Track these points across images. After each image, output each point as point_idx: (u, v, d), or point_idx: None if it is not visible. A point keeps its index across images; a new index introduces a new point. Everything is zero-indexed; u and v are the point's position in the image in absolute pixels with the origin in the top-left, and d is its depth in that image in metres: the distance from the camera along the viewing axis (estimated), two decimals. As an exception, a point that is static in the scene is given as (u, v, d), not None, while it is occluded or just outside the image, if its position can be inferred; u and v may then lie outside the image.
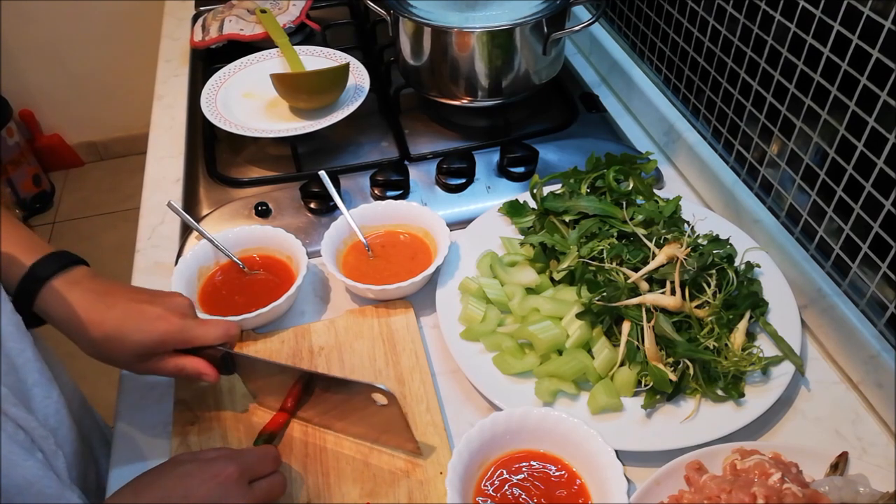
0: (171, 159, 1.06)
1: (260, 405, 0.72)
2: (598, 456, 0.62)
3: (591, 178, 0.86)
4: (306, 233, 0.89)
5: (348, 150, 1.01)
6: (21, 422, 0.57)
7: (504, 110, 1.06)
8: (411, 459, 0.66)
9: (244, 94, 1.07)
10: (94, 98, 2.66)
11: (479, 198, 0.93)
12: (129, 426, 0.72)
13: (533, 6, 0.95)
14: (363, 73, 1.07)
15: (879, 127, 0.64)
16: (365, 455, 0.67)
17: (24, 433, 0.58)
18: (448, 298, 0.79)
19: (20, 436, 0.57)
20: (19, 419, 0.57)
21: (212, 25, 1.23)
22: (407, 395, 0.71)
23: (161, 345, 0.65)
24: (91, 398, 0.85)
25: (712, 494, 0.59)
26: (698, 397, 0.69)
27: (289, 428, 0.70)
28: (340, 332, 0.78)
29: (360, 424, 0.67)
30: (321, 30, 1.29)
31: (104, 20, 2.46)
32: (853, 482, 0.60)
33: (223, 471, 0.57)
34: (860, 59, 0.65)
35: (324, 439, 0.69)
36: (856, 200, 0.69)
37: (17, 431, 0.57)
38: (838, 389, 0.72)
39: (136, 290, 0.68)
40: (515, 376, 0.72)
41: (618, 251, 0.76)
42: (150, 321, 0.64)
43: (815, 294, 0.75)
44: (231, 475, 0.57)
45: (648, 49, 1.06)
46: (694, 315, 0.71)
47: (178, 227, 0.94)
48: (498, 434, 0.65)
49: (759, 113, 0.82)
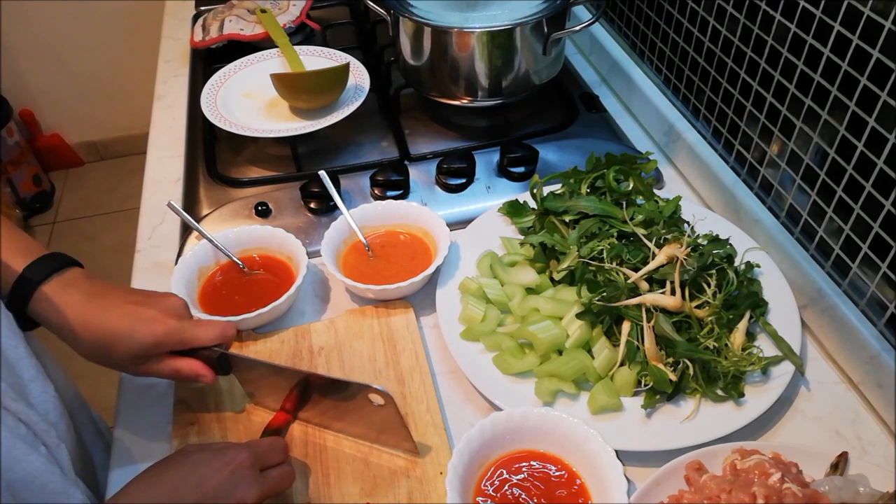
0: (171, 159, 1.06)
1: (257, 406, 0.72)
2: (598, 456, 0.62)
3: (591, 178, 0.86)
4: (306, 233, 0.89)
5: (348, 150, 1.01)
6: (22, 416, 0.57)
7: (504, 110, 1.06)
8: (411, 459, 0.66)
9: (244, 94, 1.07)
10: (94, 98, 2.66)
11: (479, 198, 0.93)
12: (129, 426, 0.72)
13: (533, 6, 0.95)
14: (363, 73, 1.07)
15: (879, 127, 0.64)
16: (365, 454, 0.67)
17: (25, 427, 0.57)
18: (448, 298, 0.79)
19: (22, 430, 0.57)
20: (20, 413, 0.57)
21: (212, 25, 1.23)
22: (407, 395, 0.71)
23: (156, 347, 0.64)
24: (90, 398, 0.85)
25: (712, 494, 0.59)
26: (698, 397, 0.69)
27: (289, 427, 0.70)
28: (340, 332, 0.78)
29: (358, 424, 0.67)
30: (321, 30, 1.29)
31: (104, 20, 2.46)
32: (853, 482, 0.60)
33: (235, 458, 0.57)
34: (860, 60, 0.65)
35: (323, 438, 0.69)
36: (856, 200, 0.69)
37: (18, 426, 0.57)
38: (838, 389, 0.72)
39: (131, 291, 0.68)
40: (515, 376, 0.72)
41: (618, 251, 0.76)
42: (145, 323, 0.63)
43: (815, 294, 0.75)
44: (244, 462, 0.57)
45: (648, 49, 1.06)
46: (694, 315, 0.71)
47: (178, 226, 0.94)
48: (498, 434, 0.65)
49: (759, 113, 0.82)
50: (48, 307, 0.63)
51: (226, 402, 0.72)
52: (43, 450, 0.59)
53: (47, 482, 0.57)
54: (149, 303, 0.66)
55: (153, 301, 0.66)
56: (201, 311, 0.76)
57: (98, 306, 0.64)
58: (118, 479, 0.67)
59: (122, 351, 0.63)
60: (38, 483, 0.56)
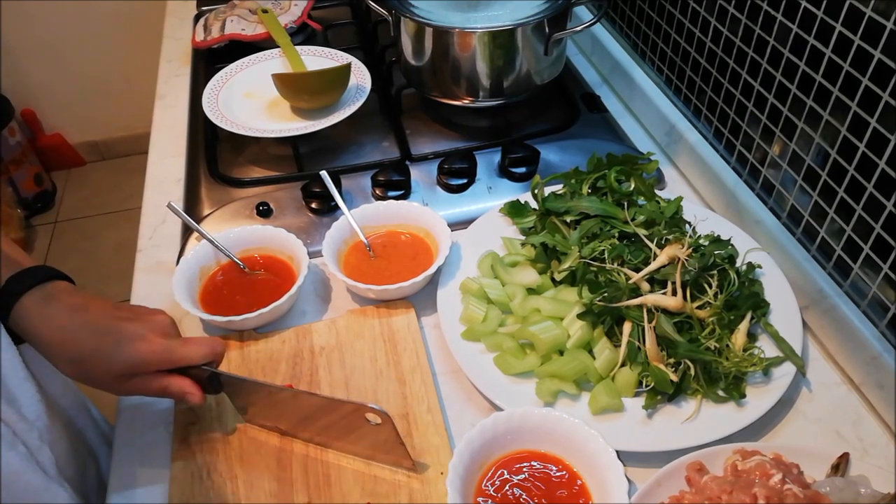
0: (172, 159, 1.06)
1: (249, 423, 0.70)
2: (598, 456, 0.62)
3: (592, 178, 0.86)
4: (307, 233, 0.89)
5: (350, 150, 1.01)
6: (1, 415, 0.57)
7: (505, 110, 1.06)
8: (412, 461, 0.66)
9: (245, 94, 1.07)
10: (95, 98, 2.66)
11: (480, 198, 0.93)
12: (130, 426, 0.72)
13: (534, 6, 0.95)
14: (364, 73, 1.07)
15: (881, 128, 0.64)
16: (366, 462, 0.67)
17: (4, 426, 0.57)
18: (449, 298, 0.79)
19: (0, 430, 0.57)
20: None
21: (213, 25, 1.23)
22: (408, 394, 0.71)
23: (143, 366, 0.61)
24: (90, 397, 0.85)
25: (713, 495, 0.59)
26: (699, 398, 0.69)
27: (288, 441, 0.69)
28: (341, 332, 0.78)
29: (356, 443, 0.66)
30: (322, 30, 1.29)
31: (106, 20, 2.47)
32: (854, 483, 0.60)
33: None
34: (862, 60, 0.65)
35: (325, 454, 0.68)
36: (857, 201, 0.69)
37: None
38: (839, 390, 0.72)
39: (117, 306, 0.65)
40: (516, 376, 0.72)
41: (619, 252, 0.76)
42: (131, 341, 0.61)
43: (817, 295, 0.75)
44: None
45: (650, 49, 1.06)
46: (695, 316, 0.71)
47: (179, 226, 0.94)
48: (499, 434, 0.65)
49: (760, 114, 0.82)
50: (29, 319, 0.60)
51: (227, 402, 0.71)
52: (22, 449, 0.58)
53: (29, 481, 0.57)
54: (136, 319, 0.63)
55: (140, 318, 0.64)
56: (202, 311, 0.76)
57: (79, 321, 0.61)
58: (118, 479, 0.67)
59: (103, 369, 0.60)
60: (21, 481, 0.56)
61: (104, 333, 0.61)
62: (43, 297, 0.61)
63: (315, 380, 0.73)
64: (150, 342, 0.61)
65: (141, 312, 0.65)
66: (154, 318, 0.65)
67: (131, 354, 0.60)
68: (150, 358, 0.61)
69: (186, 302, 0.76)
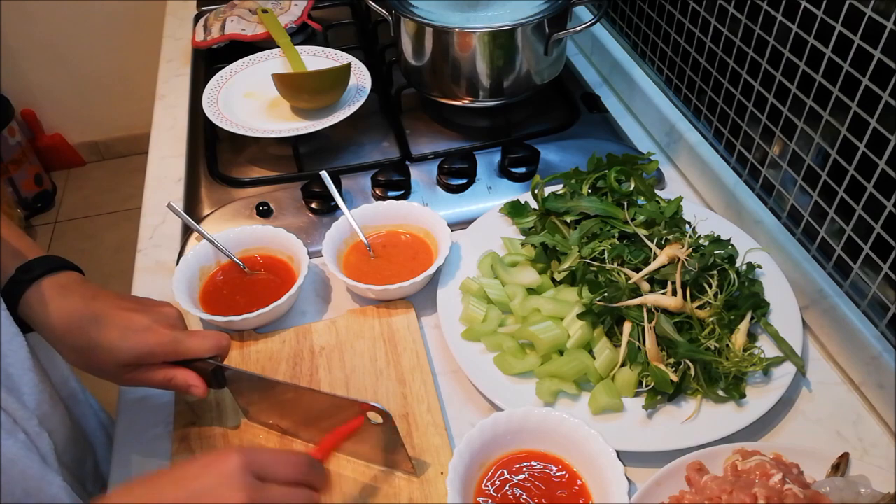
0: (172, 159, 1.06)
1: (251, 421, 0.70)
2: (598, 456, 0.62)
3: (592, 178, 0.86)
4: (307, 233, 0.89)
5: (350, 150, 1.01)
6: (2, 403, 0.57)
7: (505, 110, 1.06)
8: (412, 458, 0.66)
9: (246, 94, 1.07)
10: (95, 98, 2.66)
11: (480, 198, 0.93)
12: (130, 425, 0.72)
13: (534, 6, 0.95)
14: (364, 73, 1.07)
15: (881, 128, 0.64)
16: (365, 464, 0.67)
17: (4, 414, 0.57)
18: (449, 298, 0.79)
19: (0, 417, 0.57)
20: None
21: (213, 25, 1.24)
22: (408, 394, 0.71)
23: (149, 357, 0.62)
24: (89, 387, 0.85)
25: (713, 495, 0.59)
26: (699, 398, 0.69)
27: (289, 441, 0.68)
28: (341, 332, 0.78)
29: (356, 444, 0.66)
30: (323, 30, 1.29)
31: (106, 20, 2.47)
32: (854, 483, 0.60)
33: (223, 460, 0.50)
34: (862, 60, 0.65)
35: None
36: (857, 201, 0.69)
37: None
38: (839, 390, 0.72)
39: (124, 297, 0.66)
40: (516, 376, 0.72)
41: (619, 252, 0.76)
42: (137, 332, 0.61)
43: (817, 295, 0.75)
44: (233, 465, 0.50)
45: (650, 49, 1.06)
46: (695, 316, 0.71)
47: (179, 226, 0.94)
48: (499, 434, 0.65)
49: (760, 114, 0.82)
50: (38, 307, 0.61)
51: (227, 402, 0.71)
52: (21, 436, 0.58)
53: (26, 468, 0.57)
54: (143, 310, 0.64)
55: (148, 309, 0.64)
56: (203, 311, 0.76)
57: (88, 311, 0.61)
58: (119, 479, 0.67)
59: (109, 358, 0.61)
60: (18, 468, 0.56)
61: (111, 323, 0.61)
62: (51, 286, 0.62)
63: (315, 380, 0.73)
64: (157, 333, 0.62)
65: (148, 304, 0.66)
66: (161, 310, 0.65)
67: (138, 345, 0.61)
68: (156, 349, 0.62)
69: (186, 302, 0.76)
